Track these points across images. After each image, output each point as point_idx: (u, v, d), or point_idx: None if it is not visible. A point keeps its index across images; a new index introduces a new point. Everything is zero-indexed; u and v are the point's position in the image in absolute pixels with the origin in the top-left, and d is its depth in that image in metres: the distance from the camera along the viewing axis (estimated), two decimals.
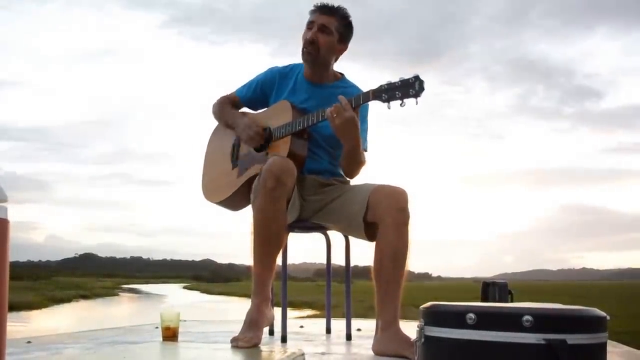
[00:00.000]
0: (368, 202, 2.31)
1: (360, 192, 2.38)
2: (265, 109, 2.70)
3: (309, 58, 2.53)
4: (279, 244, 2.34)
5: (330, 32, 2.51)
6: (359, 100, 2.28)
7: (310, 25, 2.53)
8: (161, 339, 2.35)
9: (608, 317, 1.55)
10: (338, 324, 2.84)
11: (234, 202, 2.67)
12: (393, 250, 2.24)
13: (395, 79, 2.20)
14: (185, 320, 2.88)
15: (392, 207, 2.25)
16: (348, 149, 2.39)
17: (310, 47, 2.50)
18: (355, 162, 2.49)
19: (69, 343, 2.38)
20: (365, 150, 2.58)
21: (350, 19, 2.58)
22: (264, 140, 2.54)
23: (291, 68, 2.67)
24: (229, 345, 2.18)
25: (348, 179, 2.64)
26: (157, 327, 2.64)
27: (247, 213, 2.62)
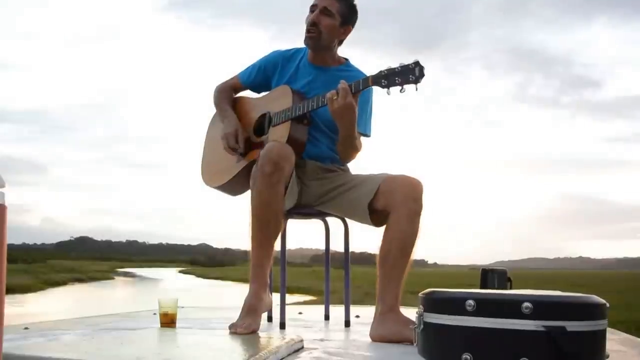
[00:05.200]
0: (378, 189, 2.31)
1: (369, 181, 2.37)
2: (266, 93, 2.68)
3: (310, 42, 2.51)
4: (277, 229, 2.34)
5: (331, 14, 2.49)
6: (359, 86, 2.27)
7: (312, 8, 2.52)
8: (159, 325, 2.35)
9: (608, 305, 1.55)
10: (337, 311, 2.84)
11: (232, 186, 2.66)
12: (403, 238, 2.24)
13: (395, 64, 2.19)
14: (183, 307, 2.88)
15: (408, 196, 2.25)
16: (343, 134, 2.40)
17: (313, 30, 2.49)
18: (350, 148, 2.49)
19: (66, 329, 2.37)
20: (369, 135, 2.58)
21: (354, 1, 2.56)
22: (239, 154, 2.55)
23: (294, 52, 2.66)
24: (228, 331, 2.18)
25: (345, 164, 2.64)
26: (155, 314, 2.64)
27: (243, 198, 2.62)
